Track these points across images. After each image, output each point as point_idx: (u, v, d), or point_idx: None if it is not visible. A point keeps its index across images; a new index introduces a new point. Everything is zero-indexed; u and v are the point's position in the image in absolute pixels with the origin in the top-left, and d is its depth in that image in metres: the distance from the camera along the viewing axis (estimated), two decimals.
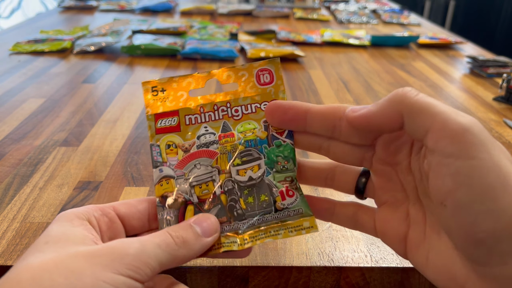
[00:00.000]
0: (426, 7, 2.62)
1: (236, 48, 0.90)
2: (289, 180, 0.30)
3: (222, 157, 0.31)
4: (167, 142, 0.31)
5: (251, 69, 0.32)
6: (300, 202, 0.29)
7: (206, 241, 0.27)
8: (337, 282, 0.34)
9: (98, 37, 0.93)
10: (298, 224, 0.29)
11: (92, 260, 0.23)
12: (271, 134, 0.31)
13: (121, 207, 0.29)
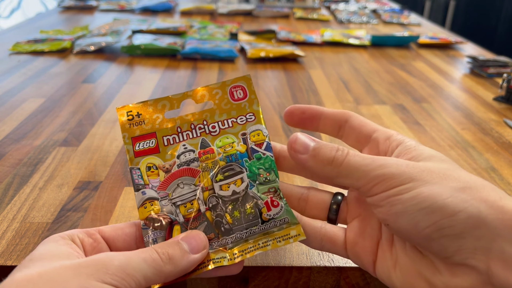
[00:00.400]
0: (426, 7, 2.62)
1: (236, 48, 0.90)
2: (272, 191, 0.30)
3: (204, 174, 0.31)
4: (147, 164, 0.31)
5: (224, 86, 0.33)
6: (285, 211, 0.30)
7: (193, 258, 0.27)
8: (337, 282, 0.34)
9: (98, 37, 0.93)
10: (286, 234, 0.29)
11: (76, 270, 0.23)
12: (250, 147, 0.32)
13: (106, 230, 0.29)
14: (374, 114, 0.62)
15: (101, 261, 0.24)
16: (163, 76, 0.75)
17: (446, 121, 0.60)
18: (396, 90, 0.72)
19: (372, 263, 0.28)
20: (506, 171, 0.47)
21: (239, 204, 0.30)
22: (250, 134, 0.32)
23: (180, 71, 0.78)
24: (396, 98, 0.68)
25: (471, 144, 0.53)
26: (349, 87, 0.73)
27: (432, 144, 0.53)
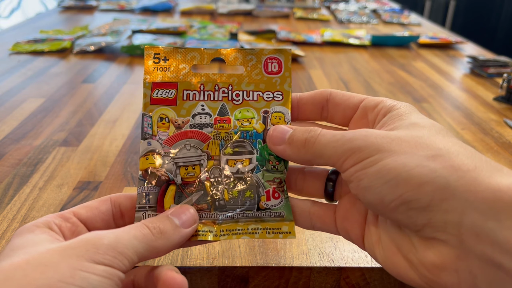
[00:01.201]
0: (427, 7, 2.62)
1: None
2: (277, 182, 0.29)
3: (214, 143, 0.30)
4: (160, 115, 0.30)
5: (260, 55, 0.31)
6: (284, 205, 0.29)
7: (185, 232, 0.26)
8: (337, 282, 0.34)
9: (98, 37, 0.93)
10: (277, 227, 0.28)
11: (65, 252, 0.22)
12: (268, 129, 0.30)
13: (81, 211, 0.28)
14: None
15: (90, 241, 0.23)
16: None
17: (446, 121, 0.60)
18: (396, 90, 0.72)
19: (361, 238, 0.27)
20: None
21: (240, 184, 0.29)
22: (272, 115, 0.30)
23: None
24: (396, 98, 0.68)
25: (471, 144, 0.53)
26: (349, 87, 0.73)
27: None
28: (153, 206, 0.28)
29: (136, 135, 0.53)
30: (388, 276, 0.33)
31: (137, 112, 0.59)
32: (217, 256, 0.33)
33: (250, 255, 0.33)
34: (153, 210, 0.28)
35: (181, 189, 0.29)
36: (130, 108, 0.61)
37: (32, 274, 0.21)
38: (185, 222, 0.27)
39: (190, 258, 0.33)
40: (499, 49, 2.19)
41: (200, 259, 0.33)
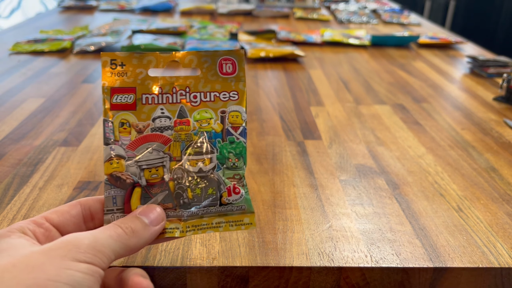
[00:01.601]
0: (426, 7, 2.62)
1: (236, 48, 0.90)
2: (237, 178, 0.31)
3: (175, 145, 0.31)
4: (121, 120, 0.31)
5: (215, 56, 0.32)
6: (244, 199, 0.31)
7: (154, 230, 0.28)
8: (337, 282, 0.34)
9: (98, 37, 0.93)
10: (239, 219, 0.30)
11: (49, 254, 0.24)
12: (226, 128, 0.31)
13: (53, 216, 0.29)
14: (374, 114, 0.62)
15: (71, 242, 0.25)
16: (163, 75, 0.75)
17: (446, 121, 0.60)
18: (396, 90, 0.72)
19: None
20: (506, 171, 0.47)
21: (202, 182, 0.31)
22: (229, 114, 0.32)
23: (180, 71, 0.78)
24: (396, 98, 0.68)
25: (471, 144, 0.53)
26: (349, 87, 0.73)
27: (432, 144, 0.53)
28: (120, 208, 0.30)
29: None
30: (388, 276, 0.33)
31: None
32: (217, 256, 0.33)
33: (250, 255, 0.33)
34: (120, 212, 0.30)
35: (146, 191, 0.30)
36: None
37: (20, 275, 0.22)
38: (154, 221, 0.29)
39: (190, 258, 0.33)
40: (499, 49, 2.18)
41: (200, 259, 0.33)
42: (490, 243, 0.36)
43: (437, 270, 0.33)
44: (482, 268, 0.33)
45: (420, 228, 0.37)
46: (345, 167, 0.47)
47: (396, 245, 0.35)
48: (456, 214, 0.40)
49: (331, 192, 0.42)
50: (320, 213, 0.39)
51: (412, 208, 0.40)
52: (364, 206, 0.40)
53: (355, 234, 0.36)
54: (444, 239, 0.36)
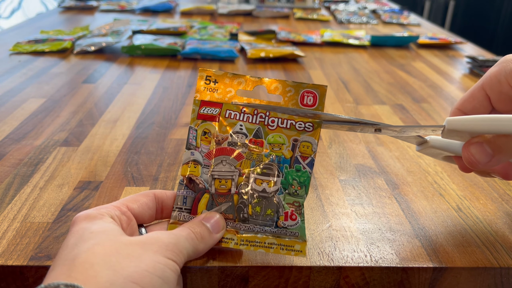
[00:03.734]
0: (426, 7, 2.62)
1: (236, 48, 0.90)
2: (296, 205, 0.33)
3: (246, 162, 0.33)
4: (204, 129, 0.34)
5: (299, 88, 0.34)
6: (299, 227, 0.32)
7: (216, 237, 0.31)
8: (337, 282, 0.34)
9: (99, 37, 0.93)
10: (290, 245, 0.32)
11: (144, 247, 0.27)
12: (295, 156, 0.33)
13: (134, 206, 0.32)
14: (374, 114, 0.62)
15: (160, 239, 0.28)
16: (163, 76, 0.75)
17: None
18: (396, 90, 0.72)
19: None
20: None
21: (263, 202, 0.33)
22: (301, 143, 0.34)
23: (180, 71, 0.78)
24: (395, 98, 0.68)
25: None
26: (349, 87, 0.73)
27: None
28: (188, 208, 0.33)
29: (137, 135, 0.53)
30: (388, 275, 0.34)
31: (137, 112, 0.60)
32: (217, 255, 0.33)
33: (250, 255, 0.34)
34: (187, 212, 0.33)
35: (213, 198, 0.33)
36: (130, 108, 0.61)
37: (123, 262, 0.25)
38: (215, 228, 0.31)
39: None
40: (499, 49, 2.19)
41: (200, 259, 0.33)
42: (490, 243, 0.36)
43: (437, 270, 0.33)
44: (481, 268, 0.33)
45: (420, 227, 0.38)
46: (344, 167, 0.47)
47: (395, 244, 0.35)
48: (456, 214, 0.40)
49: (331, 192, 0.42)
50: (320, 213, 0.39)
51: (412, 208, 0.40)
52: (364, 206, 0.40)
53: (355, 233, 0.37)
54: (443, 239, 0.36)
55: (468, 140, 0.31)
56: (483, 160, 0.30)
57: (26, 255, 0.33)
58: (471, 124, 0.30)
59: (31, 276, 0.32)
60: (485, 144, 0.30)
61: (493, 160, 0.30)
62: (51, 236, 0.35)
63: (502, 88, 0.34)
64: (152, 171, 0.45)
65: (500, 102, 0.34)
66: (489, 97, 0.35)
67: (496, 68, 0.34)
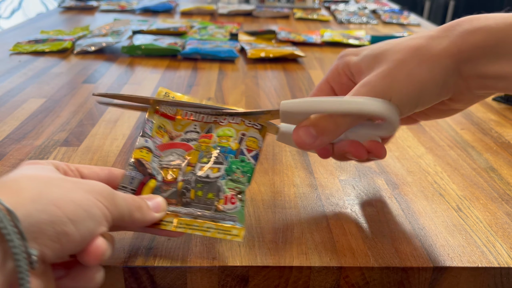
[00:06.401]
0: (426, 7, 2.63)
1: (236, 48, 0.90)
2: (237, 190, 0.33)
3: (195, 153, 0.35)
4: (160, 124, 0.36)
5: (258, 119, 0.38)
6: (238, 211, 0.33)
7: (154, 215, 0.31)
8: (337, 281, 0.34)
9: (99, 37, 0.93)
10: (228, 229, 0.32)
11: (77, 184, 0.27)
12: (241, 148, 0.35)
13: (84, 170, 0.32)
14: None
15: (97, 185, 0.28)
16: (163, 76, 0.75)
17: (446, 121, 0.60)
18: None
19: None
20: (505, 171, 0.47)
21: (206, 187, 0.34)
22: (248, 138, 0.36)
23: (180, 71, 0.78)
24: None
25: (470, 144, 0.53)
26: None
27: (431, 143, 0.53)
28: (133, 189, 0.33)
29: (137, 135, 0.53)
30: (388, 275, 0.34)
31: (137, 112, 0.60)
32: (217, 255, 0.33)
33: (250, 255, 0.34)
34: (132, 192, 0.33)
35: (159, 186, 0.34)
36: None
37: (55, 189, 0.25)
38: (155, 207, 0.32)
39: (190, 257, 0.33)
40: None
41: (200, 259, 0.33)
42: (490, 242, 0.36)
43: (437, 270, 0.33)
44: (481, 267, 0.33)
45: (420, 227, 0.38)
46: (344, 167, 0.47)
47: (395, 244, 0.35)
48: (456, 214, 0.40)
49: (331, 192, 0.43)
50: (320, 213, 0.39)
51: (412, 208, 0.40)
52: (364, 206, 0.40)
53: (355, 233, 0.37)
54: (443, 239, 0.36)
55: (299, 123, 0.35)
56: (309, 141, 0.34)
57: None
58: (299, 106, 0.34)
59: None
60: (310, 127, 0.34)
61: (317, 141, 0.34)
62: None
63: (341, 80, 0.38)
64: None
65: (342, 92, 0.38)
66: (333, 88, 0.39)
67: (336, 62, 0.38)
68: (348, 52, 0.38)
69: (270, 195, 0.41)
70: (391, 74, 0.33)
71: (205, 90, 0.69)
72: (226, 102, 0.64)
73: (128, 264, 0.32)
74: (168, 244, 0.34)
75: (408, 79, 0.32)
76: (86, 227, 0.25)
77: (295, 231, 0.37)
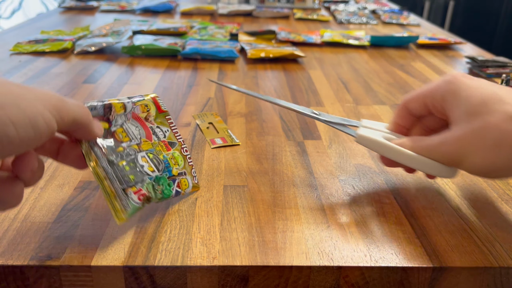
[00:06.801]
0: (426, 8, 2.63)
1: (236, 48, 0.90)
2: (149, 196, 0.36)
3: (148, 144, 0.39)
4: (146, 104, 0.40)
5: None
6: (135, 207, 0.34)
7: (97, 131, 0.34)
8: (336, 281, 0.34)
9: (99, 37, 0.93)
10: (118, 210, 0.33)
11: (27, 91, 0.27)
12: (175, 179, 0.39)
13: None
14: (374, 114, 0.62)
15: (47, 93, 0.28)
16: (163, 77, 0.75)
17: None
18: (396, 90, 0.72)
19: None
20: None
21: (135, 170, 0.36)
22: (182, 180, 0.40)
23: (180, 71, 0.78)
24: (395, 98, 0.68)
25: None
26: (349, 87, 0.73)
27: None
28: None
29: None
30: (387, 275, 0.34)
31: None
32: (217, 255, 0.34)
33: (250, 255, 0.34)
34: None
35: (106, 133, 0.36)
36: None
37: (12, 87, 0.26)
38: (99, 129, 0.34)
39: (190, 257, 0.33)
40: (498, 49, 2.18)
41: (200, 259, 0.33)
42: (489, 242, 0.36)
43: (436, 270, 0.33)
44: (481, 267, 0.34)
45: (419, 227, 0.38)
46: (344, 167, 0.47)
47: (395, 244, 0.36)
48: (455, 214, 0.40)
49: (331, 191, 0.43)
50: (320, 213, 0.39)
51: (411, 208, 0.40)
52: (364, 206, 0.41)
53: (355, 233, 0.37)
54: (443, 239, 0.36)
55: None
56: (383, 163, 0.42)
57: (26, 255, 0.33)
58: (371, 146, 0.41)
59: (31, 276, 0.32)
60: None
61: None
62: (51, 236, 0.35)
63: (435, 103, 0.40)
64: None
65: (436, 111, 0.40)
66: (428, 105, 0.40)
67: (441, 85, 0.39)
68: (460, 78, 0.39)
69: (270, 195, 0.42)
70: (475, 144, 0.34)
71: (205, 90, 0.69)
72: (226, 102, 0.64)
73: (128, 263, 0.33)
74: (168, 244, 0.35)
75: (488, 160, 0.34)
76: (27, 133, 0.26)
77: (295, 231, 0.37)
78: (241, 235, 0.36)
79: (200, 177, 0.44)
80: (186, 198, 0.41)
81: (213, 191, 0.42)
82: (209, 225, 0.37)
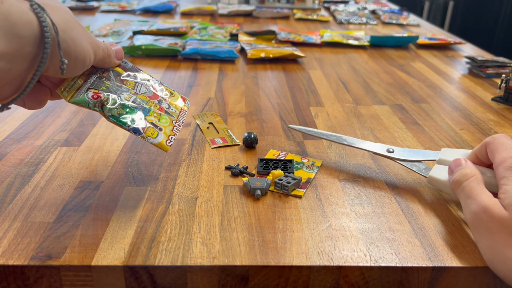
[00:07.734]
0: (425, 8, 2.63)
1: (236, 48, 0.90)
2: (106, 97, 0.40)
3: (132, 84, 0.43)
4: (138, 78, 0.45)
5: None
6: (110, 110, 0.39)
7: (116, 62, 0.43)
8: (336, 281, 0.34)
9: (99, 37, 0.93)
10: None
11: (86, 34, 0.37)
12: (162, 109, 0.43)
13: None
14: (373, 114, 0.62)
15: (95, 39, 0.38)
16: (163, 77, 0.75)
17: (445, 121, 0.60)
18: (395, 90, 0.72)
19: None
20: None
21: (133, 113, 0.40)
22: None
23: (180, 71, 0.78)
24: (395, 98, 0.69)
25: (469, 144, 0.54)
26: (349, 87, 0.73)
27: (430, 143, 0.53)
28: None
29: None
30: (387, 275, 0.34)
31: None
32: (217, 255, 0.34)
33: (250, 254, 0.34)
34: None
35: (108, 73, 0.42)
36: None
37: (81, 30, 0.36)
38: (118, 54, 0.43)
39: (190, 257, 0.33)
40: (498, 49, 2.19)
41: (200, 258, 0.33)
42: None
43: (436, 269, 0.34)
44: (480, 267, 0.34)
45: (419, 227, 0.38)
46: (344, 167, 0.47)
47: (395, 244, 0.36)
48: (455, 214, 0.40)
49: (331, 191, 0.43)
50: (320, 213, 0.39)
51: (411, 208, 0.41)
52: (363, 206, 0.41)
53: (354, 233, 0.37)
54: (442, 239, 0.36)
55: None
56: None
57: (27, 255, 0.33)
58: (440, 187, 0.41)
59: (32, 276, 0.33)
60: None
61: None
62: (52, 235, 0.35)
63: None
64: (152, 171, 0.45)
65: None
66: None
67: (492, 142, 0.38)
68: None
69: (270, 195, 0.42)
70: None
71: (205, 90, 0.69)
72: (226, 102, 0.64)
73: (129, 263, 0.33)
74: (168, 244, 0.35)
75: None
76: (81, 66, 0.37)
77: (295, 230, 0.37)
78: (241, 235, 0.36)
79: (200, 177, 0.44)
80: (185, 198, 0.41)
81: (213, 191, 0.42)
82: (209, 225, 0.37)
